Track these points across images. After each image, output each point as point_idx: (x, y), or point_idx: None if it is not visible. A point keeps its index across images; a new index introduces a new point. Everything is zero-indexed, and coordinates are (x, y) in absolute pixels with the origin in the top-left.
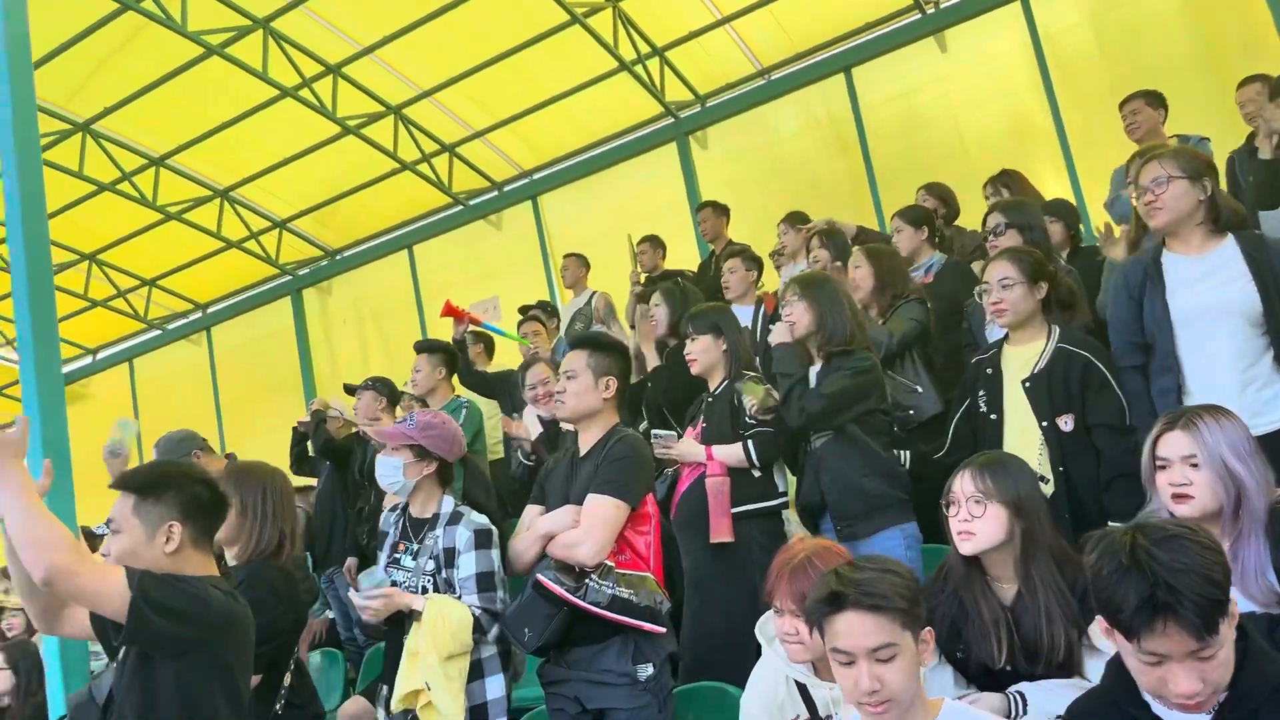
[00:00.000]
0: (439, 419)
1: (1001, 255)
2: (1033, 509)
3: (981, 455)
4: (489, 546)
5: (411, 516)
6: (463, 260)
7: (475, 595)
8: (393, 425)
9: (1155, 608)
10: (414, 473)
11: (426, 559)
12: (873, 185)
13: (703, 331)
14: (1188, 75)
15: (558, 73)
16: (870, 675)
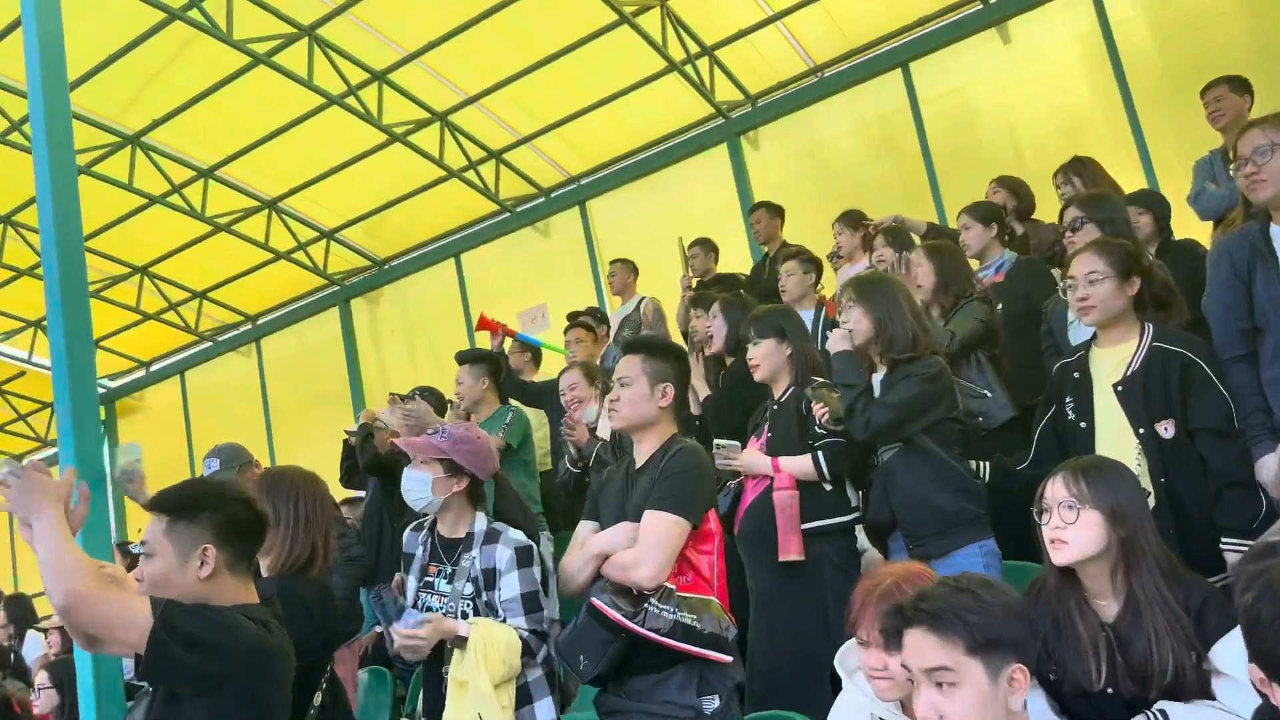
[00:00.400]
0: (473, 433)
1: (1089, 247)
2: (1135, 517)
3: (1077, 459)
4: (530, 564)
5: (442, 537)
6: (510, 268)
7: (522, 617)
8: (423, 437)
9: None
10: (443, 489)
11: (464, 582)
12: (933, 183)
13: (766, 335)
14: (1244, 68)
15: (604, 75)
16: (928, 702)
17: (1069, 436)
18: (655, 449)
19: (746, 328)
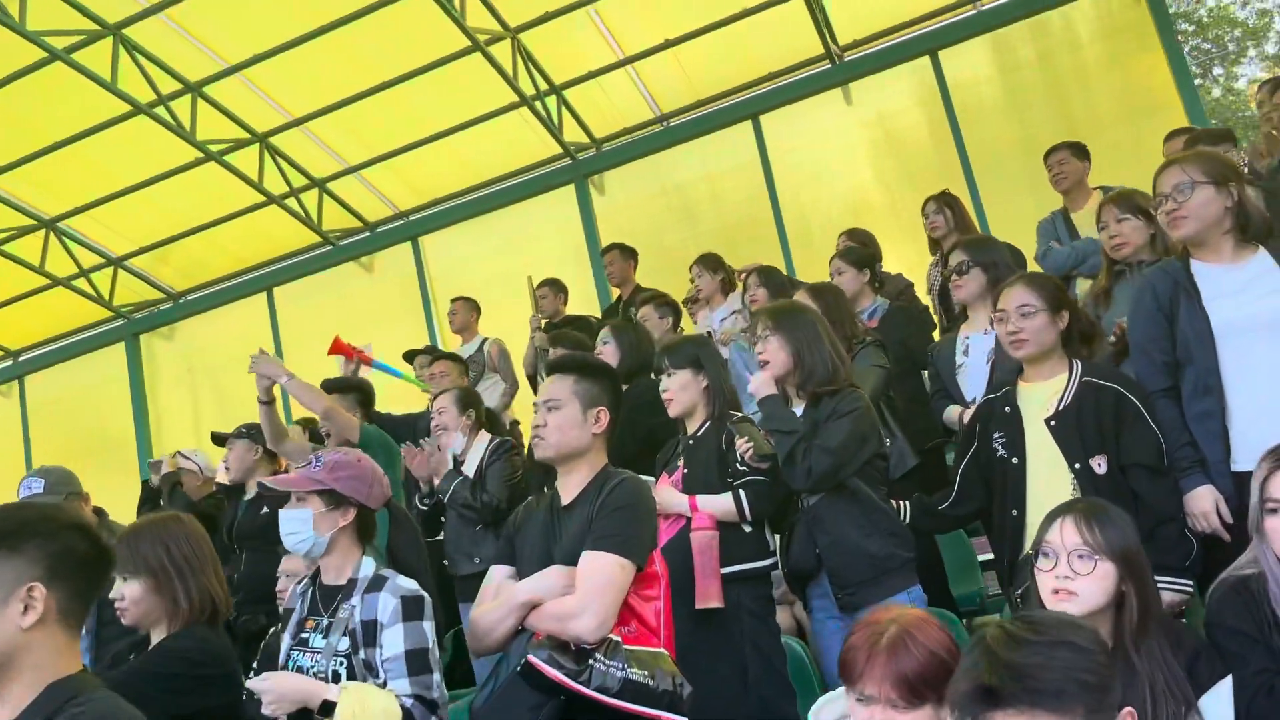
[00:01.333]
0: (351, 455)
1: (1020, 280)
2: (1143, 567)
3: (1080, 502)
4: (420, 618)
5: (323, 585)
6: (331, 304)
7: (406, 679)
8: (295, 472)
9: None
10: (327, 525)
11: (339, 636)
12: (781, 234)
13: (681, 366)
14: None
15: (446, 107)
16: None
17: (997, 473)
18: (587, 482)
19: (661, 359)
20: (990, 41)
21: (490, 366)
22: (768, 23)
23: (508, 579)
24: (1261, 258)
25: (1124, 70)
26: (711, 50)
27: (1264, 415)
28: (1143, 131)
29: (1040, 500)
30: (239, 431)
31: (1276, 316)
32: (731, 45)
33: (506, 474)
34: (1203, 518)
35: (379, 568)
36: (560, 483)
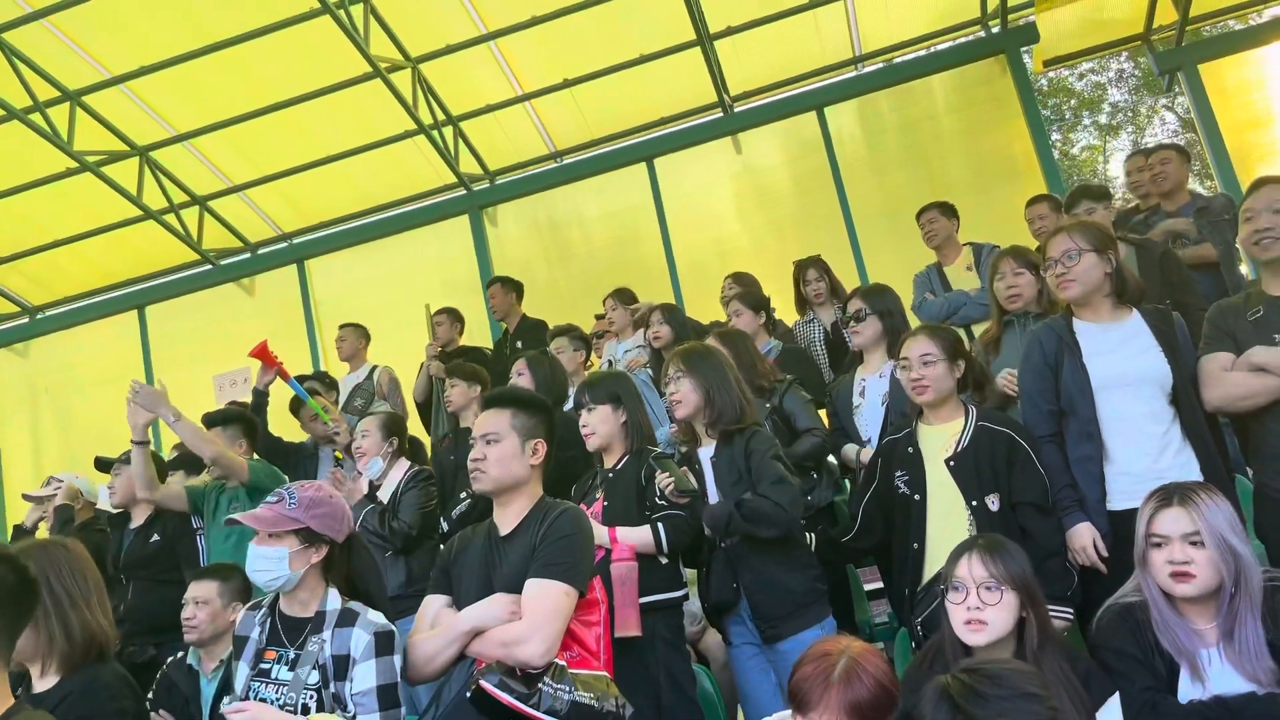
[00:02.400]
0: (324, 492)
1: (921, 331)
2: (1039, 594)
3: (981, 538)
4: (391, 652)
5: (285, 616)
6: (207, 325)
7: (377, 714)
8: (266, 507)
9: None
10: (300, 563)
11: (309, 669)
12: (673, 273)
13: (601, 401)
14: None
15: (341, 131)
16: None
17: (899, 508)
18: (527, 512)
19: (581, 394)
20: (870, 102)
21: (380, 394)
22: (665, 69)
23: (445, 608)
24: (1135, 319)
25: (990, 136)
26: (609, 92)
27: (1134, 460)
28: (1008, 194)
29: (940, 534)
30: (124, 458)
31: (1146, 373)
32: (628, 88)
33: (421, 502)
34: (1082, 552)
35: (346, 601)
36: (498, 513)
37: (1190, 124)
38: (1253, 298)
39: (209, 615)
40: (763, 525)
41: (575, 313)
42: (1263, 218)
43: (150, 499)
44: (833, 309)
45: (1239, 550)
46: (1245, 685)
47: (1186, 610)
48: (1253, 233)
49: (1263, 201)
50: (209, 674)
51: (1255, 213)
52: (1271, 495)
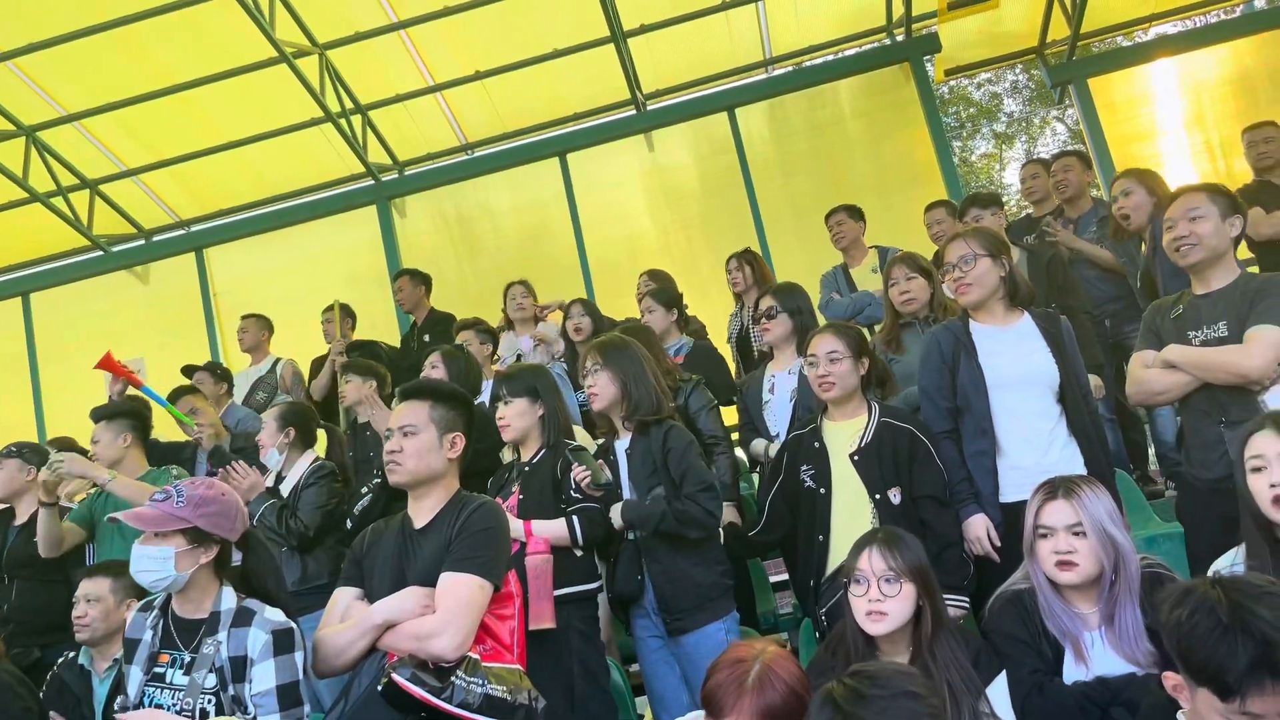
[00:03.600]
0: (215, 490)
1: (828, 329)
2: (934, 582)
3: (880, 531)
4: (291, 650)
5: (178, 618)
6: (97, 314)
7: (278, 715)
8: (151, 505)
9: (1269, 667)
10: (188, 563)
11: (205, 673)
12: (585, 269)
13: (518, 394)
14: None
15: (243, 116)
16: None
17: (804, 502)
18: (442, 505)
19: (498, 387)
20: (779, 105)
21: (283, 388)
22: (578, 65)
23: (357, 600)
24: (1025, 321)
25: (894, 141)
26: (521, 85)
27: (1025, 455)
28: (910, 198)
29: (844, 526)
30: (9, 450)
31: (1036, 373)
32: (541, 82)
33: (321, 500)
34: (977, 542)
35: (242, 600)
36: (412, 506)
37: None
38: (1182, 297)
39: (101, 613)
40: (692, 529)
41: (483, 306)
42: (1180, 225)
43: (55, 555)
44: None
45: (1118, 540)
46: (1125, 666)
47: (1070, 596)
48: (1172, 240)
49: (1179, 210)
50: (102, 674)
51: (1174, 221)
52: (1190, 482)
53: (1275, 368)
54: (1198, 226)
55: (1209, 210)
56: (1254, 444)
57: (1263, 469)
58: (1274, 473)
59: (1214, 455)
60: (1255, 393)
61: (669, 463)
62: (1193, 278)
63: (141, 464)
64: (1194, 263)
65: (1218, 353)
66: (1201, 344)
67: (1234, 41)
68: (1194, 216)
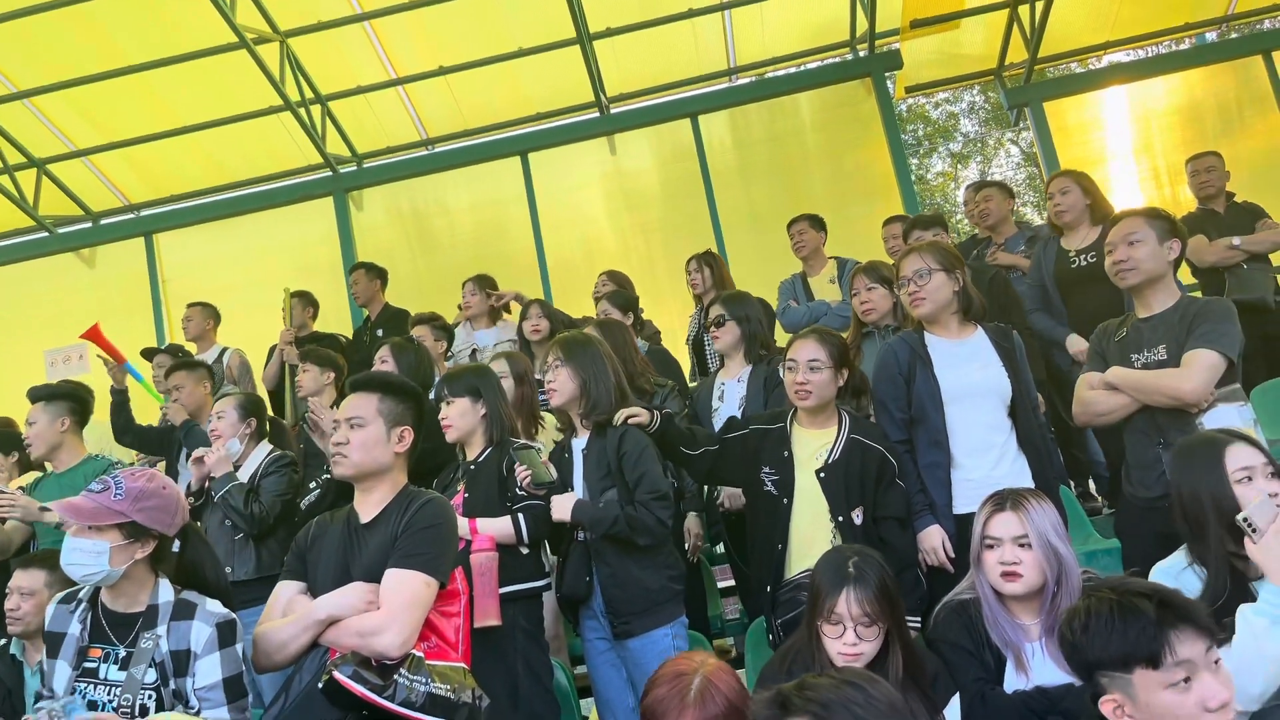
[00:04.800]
0: (155, 483)
1: (812, 335)
2: (902, 614)
3: (857, 567)
4: (234, 642)
5: (109, 611)
6: (40, 297)
7: (225, 708)
8: (87, 496)
9: (1174, 614)
10: (124, 558)
11: (145, 667)
12: (542, 267)
13: (459, 394)
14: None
15: (200, 101)
16: None
17: (763, 504)
18: (389, 500)
19: (440, 388)
20: (742, 114)
21: (229, 378)
22: (543, 65)
23: (299, 594)
24: (979, 335)
25: (853, 155)
26: (485, 83)
27: (976, 467)
28: (866, 212)
29: (804, 538)
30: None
31: (989, 386)
32: (505, 81)
33: (281, 489)
34: (932, 553)
35: (180, 592)
36: (359, 500)
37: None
38: (1127, 320)
39: (34, 607)
40: (643, 536)
41: (438, 303)
42: (1119, 250)
43: (4, 559)
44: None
45: (1062, 552)
46: (1064, 677)
47: (1014, 607)
48: (1112, 264)
49: (1118, 235)
50: (34, 666)
51: (1114, 245)
52: (1130, 499)
53: (1211, 390)
54: (1135, 250)
55: (1146, 234)
56: (1235, 456)
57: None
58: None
59: (1152, 475)
60: (1193, 415)
61: (624, 466)
62: (1135, 301)
63: (79, 450)
64: (1132, 285)
65: (1156, 376)
66: (1143, 366)
67: (1184, 72)
68: (1132, 240)
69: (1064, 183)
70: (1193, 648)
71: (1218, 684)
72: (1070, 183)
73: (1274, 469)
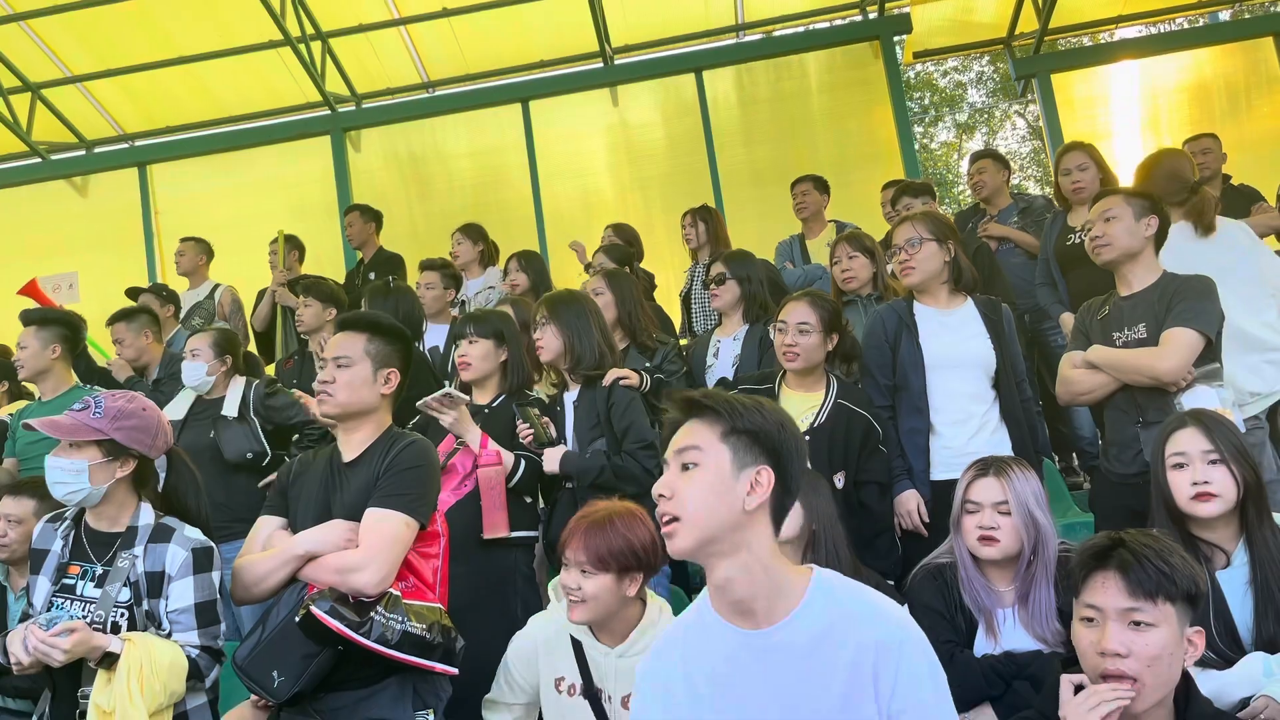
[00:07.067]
0: (136, 403)
1: (804, 298)
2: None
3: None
4: (210, 569)
5: (91, 530)
6: (32, 223)
7: (194, 631)
8: (68, 414)
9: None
10: (104, 477)
11: (119, 586)
12: (539, 217)
13: (485, 336)
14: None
15: (199, 32)
16: (665, 483)
17: None
18: (372, 441)
19: (464, 326)
20: (748, 71)
21: (220, 315)
22: (548, 12)
23: (279, 530)
24: (968, 306)
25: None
26: (489, 27)
27: (956, 436)
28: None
29: None
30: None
31: (973, 356)
32: (509, 26)
33: (290, 399)
34: (907, 516)
35: (160, 516)
36: (342, 439)
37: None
38: (1110, 298)
39: (21, 535)
40: (629, 484)
41: (432, 248)
42: (1096, 226)
43: None
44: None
45: (1040, 521)
46: (1033, 644)
47: (990, 572)
48: (1090, 241)
49: (1096, 212)
50: (17, 592)
51: (1091, 222)
52: (1105, 474)
53: (1189, 369)
54: (1110, 227)
55: (1122, 210)
56: (1176, 441)
57: (1184, 465)
58: (1196, 471)
59: (1129, 453)
60: (1171, 394)
61: (611, 417)
62: (1116, 279)
63: (67, 379)
64: (1107, 261)
65: (1134, 354)
66: (1123, 345)
67: (1193, 51)
68: (1108, 217)
69: (1081, 158)
70: (1108, 597)
71: (1117, 639)
72: (1086, 157)
73: (1218, 456)
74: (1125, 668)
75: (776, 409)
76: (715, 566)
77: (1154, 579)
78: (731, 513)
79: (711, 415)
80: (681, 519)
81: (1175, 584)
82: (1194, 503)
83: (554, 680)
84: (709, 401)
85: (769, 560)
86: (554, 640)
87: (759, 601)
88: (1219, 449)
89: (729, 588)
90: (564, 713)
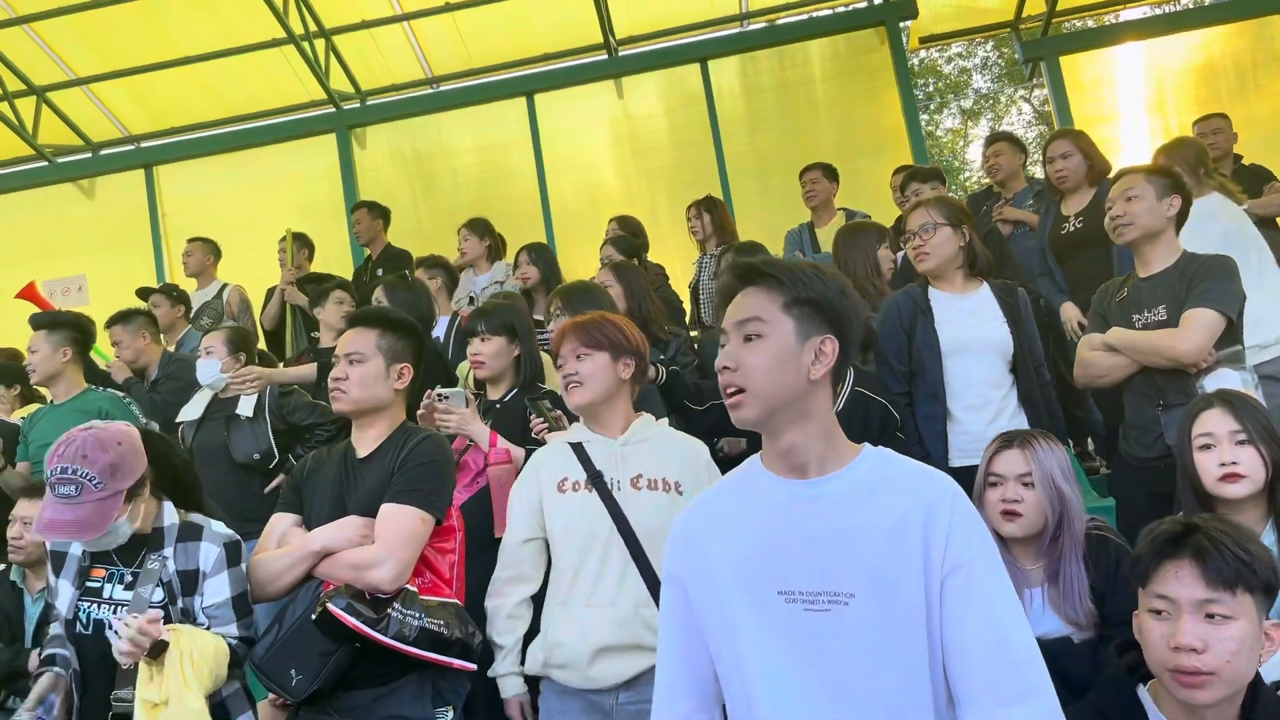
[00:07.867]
0: (111, 440)
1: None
2: None
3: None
4: (240, 562)
5: None
6: (38, 227)
7: (234, 624)
8: (78, 509)
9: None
10: (135, 514)
11: (152, 587)
12: (546, 210)
13: (497, 332)
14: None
15: (202, 32)
16: (728, 353)
17: None
18: (386, 436)
19: (475, 321)
20: (752, 60)
21: (229, 314)
22: (552, 4)
23: (294, 526)
24: (984, 291)
25: (863, 106)
26: (492, 21)
27: (974, 421)
28: (875, 164)
29: None
30: None
31: (990, 341)
32: (513, 20)
33: (304, 400)
34: None
35: (184, 515)
36: (356, 435)
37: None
38: (1129, 280)
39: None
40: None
41: (439, 245)
42: (1117, 205)
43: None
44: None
45: (1066, 494)
46: (1063, 629)
47: (1015, 550)
48: (1110, 220)
49: (1118, 191)
50: (34, 594)
51: (1113, 201)
52: (1125, 458)
53: (1210, 350)
54: (1131, 206)
55: (1144, 190)
56: (1203, 421)
57: (1211, 446)
58: (1223, 451)
59: (1150, 436)
60: (1192, 376)
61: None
62: (1135, 259)
63: (78, 382)
64: (1129, 241)
65: (1153, 336)
66: (1143, 327)
67: (1201, 30)
68: (1130, 196)
69: (1064, 145)
70: (1182, 588)
71: (1193, 633)
72: (1070, 145)
73: (1246, 437)
74: (1201, 663)
75: (836, 275)
76: (779, 434)
77: (1233, 568)
78: (798, 383)
79: (774, 284)
80: (748, 390)
81: (1255, 573)
82: (1222, 484)
83: (556, 485)
84: (770, 269)
85: (829, 425)
86: (553, 453)
87: (813, 457)
88: (1247, 429)
89: (792, 452)
90: (571, 515)
